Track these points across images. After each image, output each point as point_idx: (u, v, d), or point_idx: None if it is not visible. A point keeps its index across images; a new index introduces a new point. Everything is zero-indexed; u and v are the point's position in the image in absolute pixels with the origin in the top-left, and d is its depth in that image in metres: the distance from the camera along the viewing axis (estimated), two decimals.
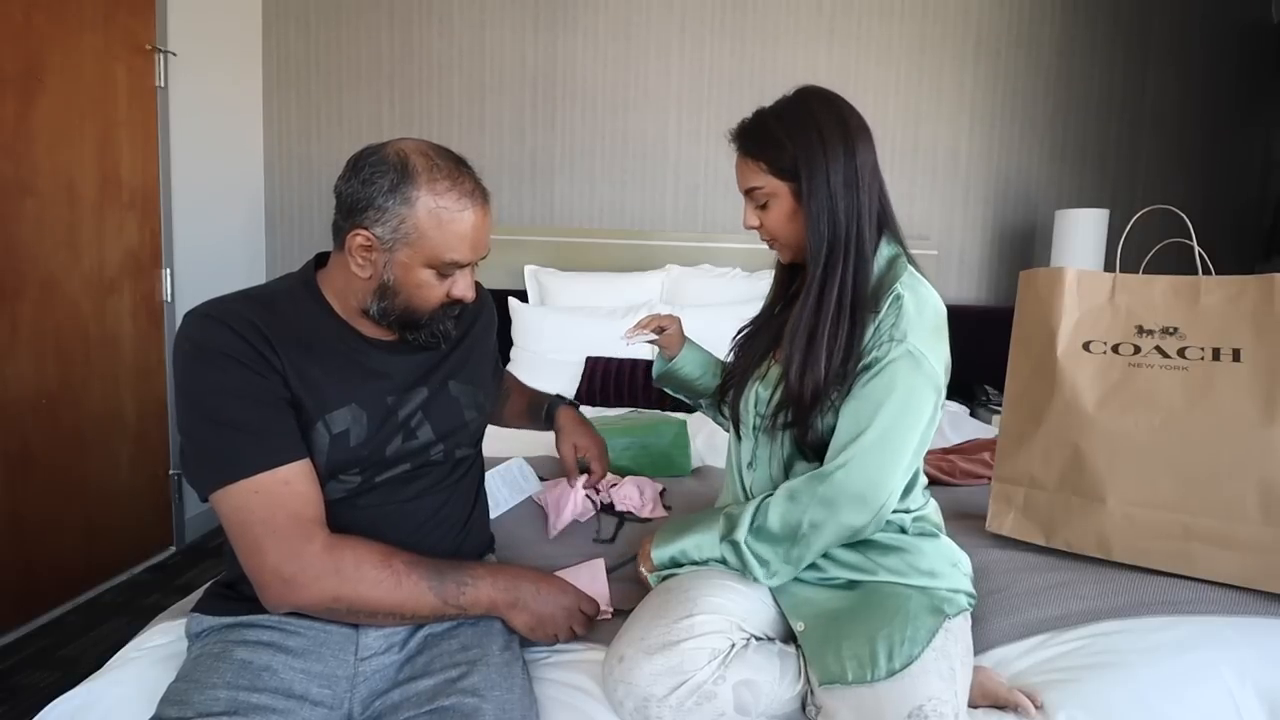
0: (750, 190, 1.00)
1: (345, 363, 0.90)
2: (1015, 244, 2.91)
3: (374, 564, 0.82)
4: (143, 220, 2.26)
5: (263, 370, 0.82)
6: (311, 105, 2.89)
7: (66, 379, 2.00)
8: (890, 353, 0.91)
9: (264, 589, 0.80)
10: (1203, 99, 2.77)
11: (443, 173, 0.86)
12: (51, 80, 1.92)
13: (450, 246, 0.86)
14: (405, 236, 0.85)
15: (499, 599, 0.90)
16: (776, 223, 1.00)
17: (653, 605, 0.92)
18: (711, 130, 2.86)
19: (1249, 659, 0.94)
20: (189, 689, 0.78)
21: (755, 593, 0.96)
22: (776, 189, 0.98)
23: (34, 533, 1.90)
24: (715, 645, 0.84)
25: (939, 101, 2.83)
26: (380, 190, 0.84)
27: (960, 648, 0.88)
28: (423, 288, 0.88)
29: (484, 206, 0.89)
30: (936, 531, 1.03)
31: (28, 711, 1.36)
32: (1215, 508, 1.12)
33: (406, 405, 0.94)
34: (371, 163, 0.85)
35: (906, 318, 0.91)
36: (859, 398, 0.93)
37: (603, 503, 1.44)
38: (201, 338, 0.82)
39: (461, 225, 0.86)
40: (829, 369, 0.93)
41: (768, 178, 0.98)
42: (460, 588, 0.87)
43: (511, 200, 2.92)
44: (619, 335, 1.29)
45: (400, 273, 0.87)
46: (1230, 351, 1.13)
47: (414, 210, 0.84)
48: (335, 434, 0.86)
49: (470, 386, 1.02)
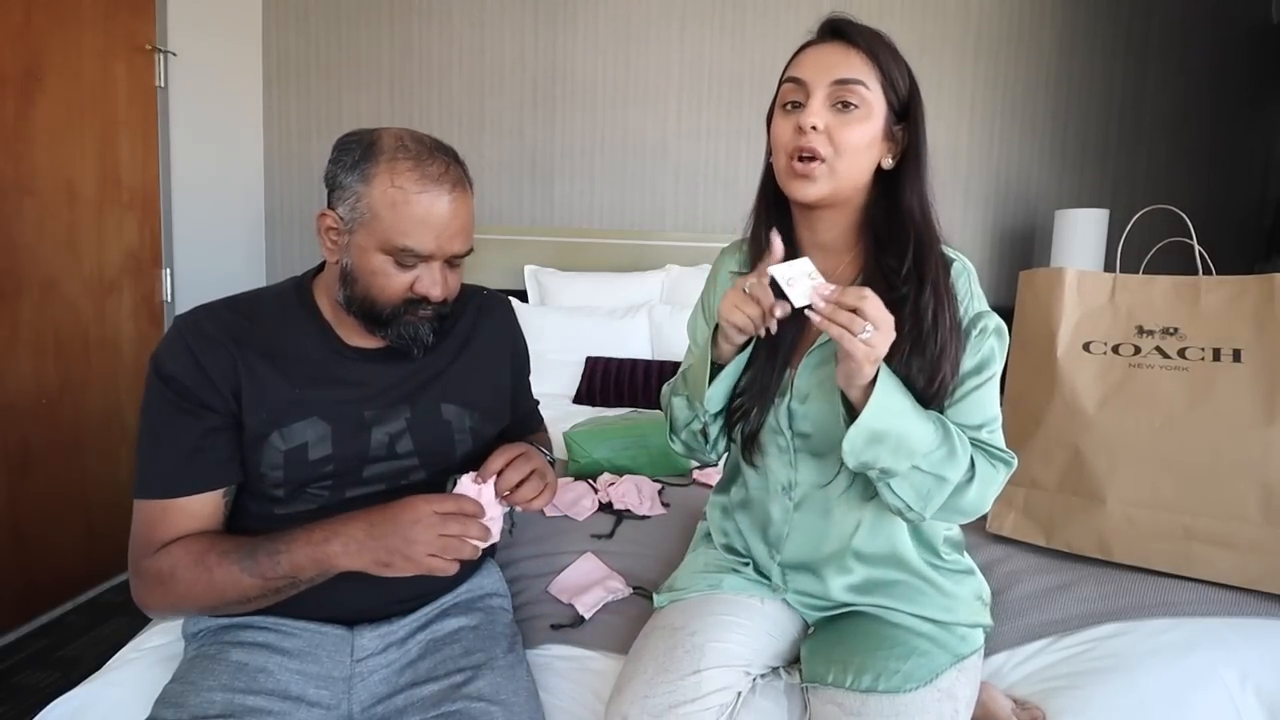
0: (844, 82, 0.79)
1: (317, 373, 0.87)
2: (1015, 244, 2.90)
3: (188, 565, 0.79)
4: (143, 220, 2.26)
5: (201, 396, 0.81)
6: (311, 105, 2.89)
7: (66, 379, 1.99)
8: (987, 324, 0.83)
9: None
10: (1203, 99, 2.77)
11: (409, 153, 0.81)
12: (51, 80, 1.91)
13: (403, 231, 0.80)
14: (361, 217, 0.81)
15: (322, 554, 0.78)
16: (859, 138, 0.80)
17: (656, 652, 0.85)
18: (712, 130, 2.86)
19: (1249, 660, 0.94)
20: (185, 691, 0.78)
21: (762, 625, 0.91)
22: (876, 103, 0.80)
23: (34, 533, 1.90)
24: (723, 700, 0.80)
25: (939, 101, 2.83)
26: (344, 167, 0.82)
27: (970, 689, 0.85)
28: (378, 275, 0.83)
29: (453, 194, 0.82)
30: (971, 568, 0.97)
31: (28, 711, 1.36)
32: (1216, 508, 1.11)
33: (387, 423, 0.89)
34: (344, 142, 0.84)
35: (973, 284, 0.86)
36: (982, 377, 0.84)
37: (601, 501, 1.44)
38: (159, 353, 0.83)
39: (418, 209, 0.80)
40: (957, 356, 0.81)
41: (876, 84, 0.80)
42: (274, 559, 0.78)
43: (511, 200, 2.92)
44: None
45: (357, 256, 0.83)
46: (1231, 352, 1.13)
47: (370, 189, 0.80)
48: (292, 446, 0.84)
49: (467, 410, 0.95)
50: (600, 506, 1.43)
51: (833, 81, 0.80)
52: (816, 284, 0.74)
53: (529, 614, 1.06)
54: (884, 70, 0.80)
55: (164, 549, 0.80)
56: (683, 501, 1.48)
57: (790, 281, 0.75)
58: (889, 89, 0.81)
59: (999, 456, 0.84)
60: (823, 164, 0.80)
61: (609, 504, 1.44)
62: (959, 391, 0.83)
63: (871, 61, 0.80)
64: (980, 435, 0.84)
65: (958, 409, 0.84)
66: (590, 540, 1.27)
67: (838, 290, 0.73)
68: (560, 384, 2.37)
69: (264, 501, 0.86)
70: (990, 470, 0.83)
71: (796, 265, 0.76)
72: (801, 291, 0.75)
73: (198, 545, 0.80)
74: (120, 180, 2.16)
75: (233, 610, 0.82)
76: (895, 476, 0.79)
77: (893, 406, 0.76)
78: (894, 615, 0.90)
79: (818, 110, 0.80)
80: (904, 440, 0.76)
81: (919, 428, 0.77)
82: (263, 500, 0.86)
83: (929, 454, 0.78)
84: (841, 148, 0.80)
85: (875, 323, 0.71)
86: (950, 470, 0.79)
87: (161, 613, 0.83)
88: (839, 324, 0.71)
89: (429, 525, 0.77)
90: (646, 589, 1.07)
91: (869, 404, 0.74)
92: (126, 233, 2.20)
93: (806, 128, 0.79)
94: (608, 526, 1.33)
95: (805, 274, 0.75)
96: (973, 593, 0.93)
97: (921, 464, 0.78)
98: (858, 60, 0.80)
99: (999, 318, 0.86)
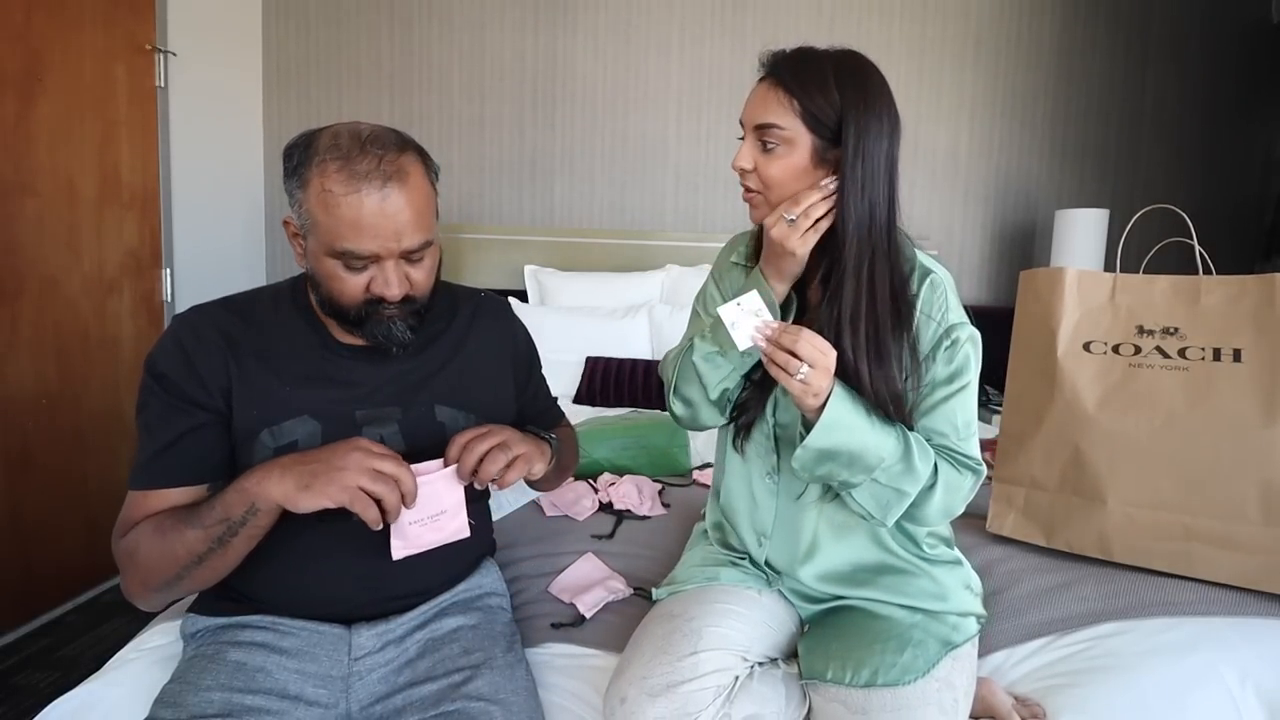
0: (762, 127, 0.85)
1: (309, 371, 0.88)
2: (1015, 244, 2.90)
3: (148, 535, 0.79)
4: (143, 220, 2.26)
5: (190, 394, 0.83)
6: (311, 105, 2.89)
7: (66, 379, 2.00)
8: (959, 335, 0.86)
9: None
10: (1203, 99, 2.77)
11: (338, 151, 0.77)
12: (51, 80, 1.91)
13: (339, 235, 0.77)
14: (306, 222, 0.80)
15: (245, 484, 0.76)
16: (780, 173, 0.85)
17: (655, 636, 0.87)
18: (711, 130, 2.86)
19: (1249, 660, 0.94)
20: (183, 690, 0.78)
21: (759, 615, 0.93)
22: (796, 136, 0.84)
23: (34, 532, 1.90)
24: (720, 682, 0.82)
25: (939, 101, 2.83)
26: (287, 173, 0.81)
27: (966, 677, 0.87)
28: (334, 280, 0.81)
29: (384, 190, 0.77)
30: (958, 559, 0.99)
31: (28, 711, 1.36)
32: (1216, 508, 1.11)
33: (379, 424, 0.88)
34: (289, 147, 0.82)
35: (950, 295, 0.88)
36: (954, 386, 0.87)
37: (602, 501, 1.44)
38: (153, 351, 0.84)
39: (349, 211, 0.76)
40: (900, 362, 0.85)
41: (793, 120, 0.83)
42: (210, 506, 0.77)
43: (511, 200, 2.92)
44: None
45: (314, 262, 0.82)
46: (1231, 352, 1.13)
47: (307, 194, 0.78)
48: (281, 444, 0.84)
49: (463, 412, 0.94)
50: (600, 506, 1.43)
51: (754, 126, 0.86)
52: (759, 323, 0.80)
53: (529, 613, 1.06)
54: (804, 105, 0.83)
55: (133, 528, 0.81)
56: (683, 502, 1.48)
57: (734, 324, 0.81)
58: (812, 121, 0.83)
59: (967, 464, 0.88)
60: (759, 194, 0.88)
61: (609, 504, 1.44)
62: (931, 400, 0.88)
63: (790, 99, 0.83)
64: (949, 443, 0.88)
65: (930, 417, 0.88)
66: (591, 540, 1.27)
67: (776, 329, 0.79)
68: (560, 384, 2.36)
69: None
70: (957, 477, 0.87)
71: (746, 301, 0.81)
72: (744, 334, 0.81)
73: (158, 516, 0.81)
74: (120, 180, 2.16)
75: (196, 577, 0.79)
76: (853, 487, 0.84)
77: (843, 423, 0.80)
78: (884, 608, 0.92)
79: (746, 154, 0.87)
80: (857, 456, 0.81)
81: (874, 442, 0.81)
82: None
83: (887, 468, 0.82)
84: (768, 183, 0.86)
85: (810, 361, 0.76)
86: (908, 484, 0.83)
87: (139, 594, 0.82)
88: (777, 364, 0.78)
89: (363, 458, 0.75)
90: (647, 590, 1.07)
91: (816, 425, 0.79)
92: (126, 232, 2.20)
93: (736, 169, 0.88)
94: (608, 527, 1.34)
95: (752, 311, 0.81)
96: (961, 582, 0.96)
97: (879, 477, 0.83)
98: (775, 102, 0.84)
99: (974, 329, 0.89)
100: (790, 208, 0.83)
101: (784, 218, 0.82)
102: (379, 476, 0.74)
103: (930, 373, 0.87)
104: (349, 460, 0.74)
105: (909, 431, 0.85)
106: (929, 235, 2.86)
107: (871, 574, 0.94)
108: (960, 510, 0.89)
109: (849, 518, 0.93)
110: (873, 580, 0.93)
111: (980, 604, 0.96)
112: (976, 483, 0.88)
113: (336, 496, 0.73)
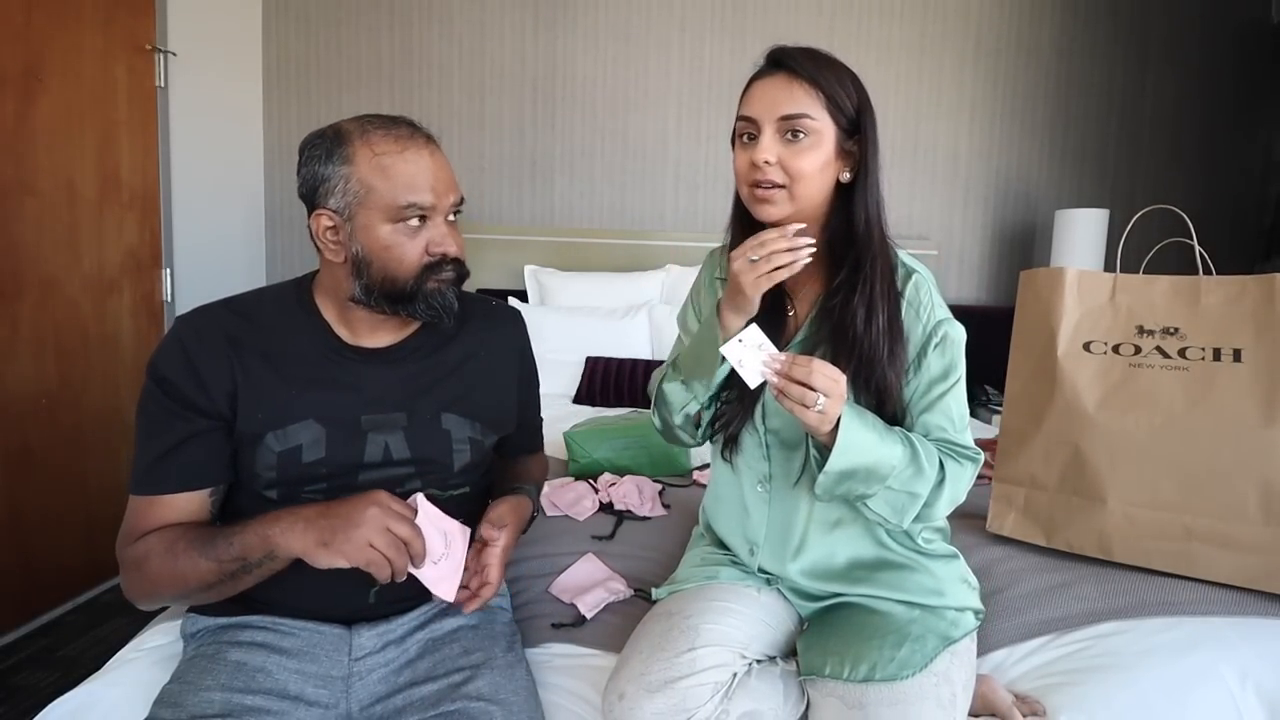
0: (790, 117, 0.82)
1: (314, 374, 0.87)
2: (1015, 244, 2.91)
3: (159, 553, 0.79)
4: (143, 220, 2.26)
5: (192, 399, 0.82)
6: (311, 105, 2.89)
7: (66, 379, 1.99)
8: (947, 331, 0.88)
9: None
10: (1202, 99, 2.77)
11: (375, 124, 0.83)
12: (51, 80, 1.91)
13: (403, 190, 0.82)
14: (356, 197, 0.82)
15: (266, 532, 0.77)
16: (811, 165, 0.83)
17: (653, 634, 0.88)
18: (711, 130, 2.86)
19: (1249, 660, 0.94)
20: (183, 691, 0.78)
21: (758, 613, 0.93)
22: (824, 127, 0.83)
23: (34, 532, 1.90)
24: (718, 679, 0.82)
25: (939, 101, 2.83)
26: (320, 162, 0.83)
27: (964, 672, 0.87)
28: (391, 249, 0.83)
29: (429, 148, 0.85)
30: (954, 552, 0.99)
31: (28, 711, 1.36)
32: (1216, 508, 1.12)
33: (384, 430, 0.88)
34: (309, 142, 0.85)
35: (933, 292, 0.90)
36: (949, 381, 0.89)
37: (602, 502, 1.44)
38: (157, 354, 0.84)
39: (407, 165, 0.82)
40: (899, 359, 0.86)
41: (820, 110, 0.82)
42: (228, 541, 0.78)
43: (511, 200, 2.92)
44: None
45: (365, 239, 0.83)
46: (1231, 352, 1.13)
47: (355, 167, 0.82)
48: (286, 448, 0.84)
49: (469, 421, 0.94)
50: (601, 507, 1.43)
51: (779, 117, 0.83)
52: (765, 356, 0.80)
53: (530, 613, 1.06)
54: (828, 95, 0.83)
55: (142, 538, 0.81)
56: (683, 502, 1.48)
57: (741, 362, 0.80)
58: (835, 112, 0.84)
59: (966, 455, 0.89)
60: (781, 189, 0.84)
61: (610, 504, 1.44)
62: (929, 397, 0.89)
63: (815, 90, 0.83)
64: (949, 436, 0.89)
65: (930, 413, 0.89)
66: (591, 541, 1.27)
67: (787, 361, 0.78)
68: (560, 384, 2.37)
69: (259, 502, 0.86)
70: (959, 469, 0.88)
71: (747, 337, 0.80)
72: (753, 371, 0.80)
73: (171, 534, 0.81)
74: (120, 180, 2.16)
75: (200, 598, 0.82)
76: (870, 498, 0.85)
77: (858, 443, 0.80)
78: (883, 604, 0.92)
79: (768, 145, 0.83)
80: (873, 470, 0.82)
81: (886, 454, 0.82)
82: (258, 500, 0.86)
83: (899, 474, 0.83)
84: (796, 175, 0.83)
85: (825, 391, 0.76)
86: (920, 485, 0.84)
87: (141, 600, 0.83)
88: (792, 399, 0.77)
89: (380, 515, 0.76)
90: (647, 591, 1.07)
91: (834, 451, 0.79)
92: (126, 232, 2.20)
93: (760, 163, 0.83)
94: (608, 527, 1.33)
95: (755, 345, 0.80)
96: (958, 576, 0.96)
97: (893, 484, 0.83)
98: (801, 92, 0.83)
99: (958, 324, 0.90)
100: (756, 248, 0.81)
101: (747, 257, 0.80)
102: (393, 541, 0.76)
103: (924, 371, 0.88)
104: (366, 516, 0.76)
105: (909, 433, 0.86)
106: (929, 235, 2.87)
107: (869, 570, 0.94)
108: (964, 497, 0.90)
109: (839, 513, 0.93)
110: (870, 576, 0.94)
111: (978, 599, 0.97)
112: (975, 470, 0.90)
113: (353, 557, 0.75)
